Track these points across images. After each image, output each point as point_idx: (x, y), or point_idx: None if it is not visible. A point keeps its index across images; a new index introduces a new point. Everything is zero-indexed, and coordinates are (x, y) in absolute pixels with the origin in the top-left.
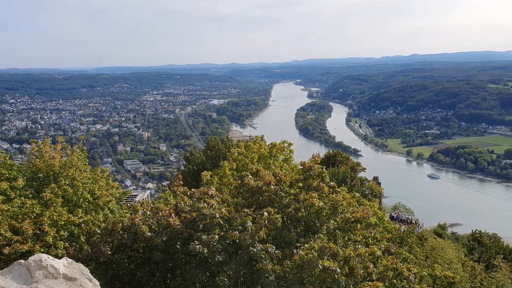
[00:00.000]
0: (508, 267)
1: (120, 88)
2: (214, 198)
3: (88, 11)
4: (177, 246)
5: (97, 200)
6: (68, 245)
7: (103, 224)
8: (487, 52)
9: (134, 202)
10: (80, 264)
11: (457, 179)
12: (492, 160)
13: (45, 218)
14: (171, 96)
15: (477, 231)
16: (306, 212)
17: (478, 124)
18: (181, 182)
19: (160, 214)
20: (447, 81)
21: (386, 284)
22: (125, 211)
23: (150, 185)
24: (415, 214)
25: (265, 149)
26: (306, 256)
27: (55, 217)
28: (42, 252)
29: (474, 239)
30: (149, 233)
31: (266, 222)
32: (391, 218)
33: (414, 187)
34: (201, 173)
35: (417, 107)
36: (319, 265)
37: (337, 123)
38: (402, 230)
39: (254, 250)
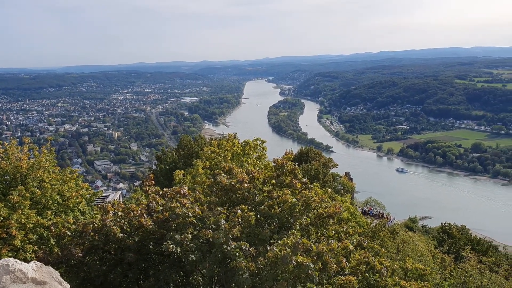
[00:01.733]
0: (476, 257)
1: (89, 87)
2: (187, 197)
3: (57, 9)
4: (150, 246)
5: (66, 202)
6: (37, 248)
7: (73, 226)
8: (454, 49)
9: (105, 203)
10: (50, 267)
11: (426, 173)
12: (460, 154)
13: (13, 222)
14: (142, 95)
15: (446, 224)
16: (280, 208)
17: (446, 119)
18: (153, 181)
19: (132, 214)
20: (415, 77)
21: (359, 278)
22: (96, 212)
23: (121, 185)
24: (386, 208)
25: (238, 147)
26: (279, 253)
27: (23, 220)
28: (10, 256)
29: (443, 232)
30: (121, 234)
31: (240, 220)
32: (363, 212)
33: (385, 182)
34: (174, 172)
35: (387, 103)
36: (293, 261)
37: (309, 120)
38: (374, 224)
39: (228, 248)
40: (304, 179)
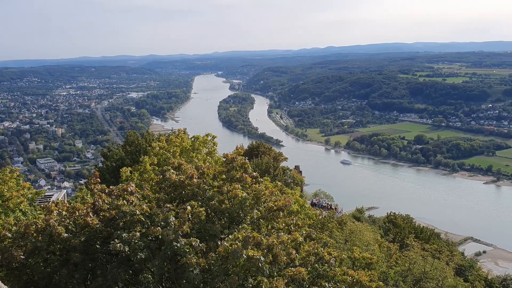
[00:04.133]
0: (419, 245)
1: (29, 83)
2: (134, 195)
3: None
4: (97, 246)
5: (6, 202)
6: None
7: (14, 227)
8: (397, 44)
9: (49, 203)
10: None
11: (372, 165)
12: (404, 146)
13: None
14: (86, 90)
15: (391, 213)
16: (230, 203)
17: (390, 112)
18: (99, 179)
19: (77, 213)
20: (361, 72)
21: (309, 268)
22: (38, 212)
23: (66, 184)
24: (334, 200)
25: (187, 143)
26: (230, 247)
27: None
28: None
29: (389, 221)
30: (65, 234)
31: (190, 216)
32: (312, 204)
33: (333, 174)
34: (120, 170)
35: (334, 97)
36: (244, 255)
37: (260, 114)
38: (323, 215)
39: (178, 245)
40: (254, 173)
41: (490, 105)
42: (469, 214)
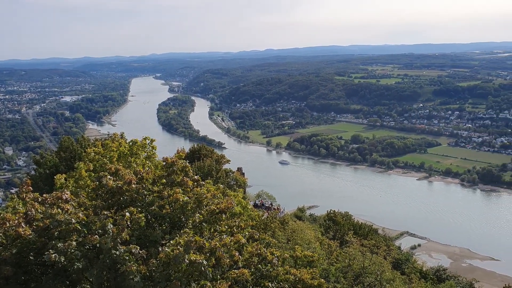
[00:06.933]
0: (358, 241)
1: None
2: (70, 203)
3: None
4: (30, 258)
5: None
6: None
7: None
8: (333, 47)
9: None
10: None
11: (312, 164)
12: (341, 145)
13: None
14: (16, 94)
15: (331, 211)
16: (171, 208)
17: (327, 113)
18: (31, 188)
19: (8, 224)
20: (299, 74)
21: (252, 270)
22: None
23: None
24: (277, 200)
25: (125, 147)
26: (172, 253)
27: None
28: None
29: (329, 219)
30: None
31: (129, 223)
32: (255, 205)
33: (276, 175)
34: (55, 177)
35: (274, 99)
36: (186, 259)
37: (201, 117)
38: (265, 216)
39: (117, 252)
40: (195, 177)
41: (421, 104)
42: (405, 209)
